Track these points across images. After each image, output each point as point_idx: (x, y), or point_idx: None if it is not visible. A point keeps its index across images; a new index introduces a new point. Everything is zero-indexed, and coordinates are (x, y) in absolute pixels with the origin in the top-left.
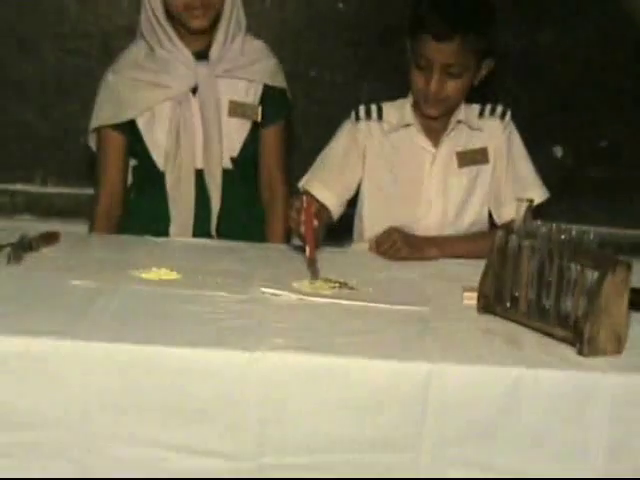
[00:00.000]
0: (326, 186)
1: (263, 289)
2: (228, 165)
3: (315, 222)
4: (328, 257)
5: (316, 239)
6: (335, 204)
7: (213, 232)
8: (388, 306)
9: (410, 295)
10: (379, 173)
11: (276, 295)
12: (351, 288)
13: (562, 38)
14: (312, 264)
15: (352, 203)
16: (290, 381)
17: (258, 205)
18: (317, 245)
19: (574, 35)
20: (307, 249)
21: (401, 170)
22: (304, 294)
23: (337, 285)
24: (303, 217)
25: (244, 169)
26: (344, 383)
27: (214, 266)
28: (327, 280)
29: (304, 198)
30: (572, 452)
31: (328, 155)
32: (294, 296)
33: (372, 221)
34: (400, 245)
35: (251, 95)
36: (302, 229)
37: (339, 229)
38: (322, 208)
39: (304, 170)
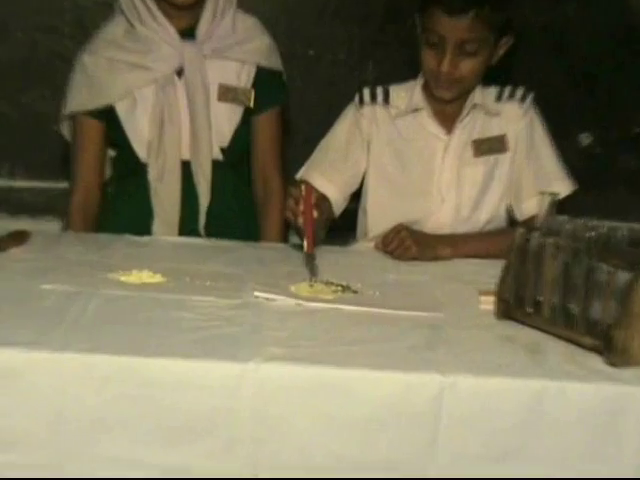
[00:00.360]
0: (327, 178)
1: (257, 293)
2: (218, 156)
3: (315, 213)
4: (329, 257)
5: (316, 232)
6: (337, 198)
7: (201, 230)
8: (396, 312)
9: (420, 300)
10: (386, 163)
11: (271, 300)
12: (354, 292)
13: (587, 11)
14: (311, 260)
15: (356, 197)
16: (287, 395)
17: (251, 200)
18: (317, 240)
19: (601, 7)
20: (305, 243)
21: (410, 160)
22: (302, 299)
23: (339, 289)
24: (301, 207)
25: (235, 160)
26: (347, 398)
27: (202, 268)
28: (328, 283)
29: (303, 186)
30: (602, 472)
31: (329, 143)
32: (291, 301)
33: (378, 217)
34: (409, 243)
35: (243, 78)
36: (300, 221)
37: (341, 226)
38: (323, 199)
39: (302, 161)
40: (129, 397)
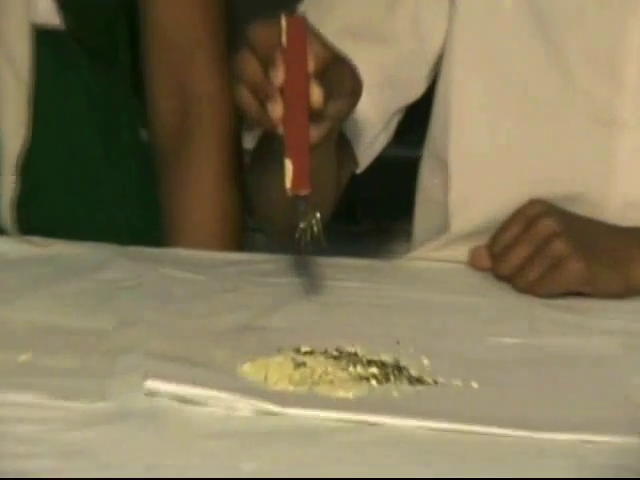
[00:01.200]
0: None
1: (151, 383)
2: (48, 20)
3: (316, 93)
4: (348, 285)
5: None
6: (372, 104)
7: (5, 221)
8: (548, 436)
9: (603, 397)
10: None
11: (192, 403)
12: (421, 381)
13: None
14: (303, 202)
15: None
16: None
17: (136, 145)
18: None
19: None
20: (288, 168)
21: (565, 29)
22: (276, 400)
23: (374, 370)
24: (279, 77)
25: (94, 41)
26: None
27: (30, 317)
28: (338, 354)
29: (284, 19)
30: None
31: None
32: (245, 404)
33: (474, 185)
34: (564, 252)
35: None
36: (274, 111)
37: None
38: (342, 69)
39: None
40: None
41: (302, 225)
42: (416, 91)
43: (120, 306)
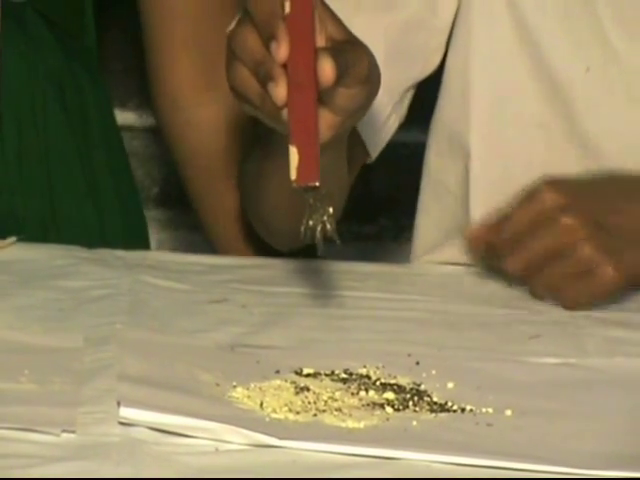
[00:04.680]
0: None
1: (124, 410)
2: None
3: (329, 71)
4: (354, 295)
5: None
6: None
7: None
8: (573, 470)
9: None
10: None
11: (169, 433)
12: (440, 407)
13: None
14: (312, 195)
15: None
16: None
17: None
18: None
19: None
20: (293, 158)
21: None
22: (272, 431)
23: (389, 396)
24: (282, 52)
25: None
26: None
27: None
28: (347, 377)
29: None
30: None
31: None
32: (236, 437)
33: (498, 170)
34: (595, 256)
35: None
36: (278, 94)
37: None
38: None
39: None
40: None
41: (311, 222)
42: (430, 63)
43: (88, 320)
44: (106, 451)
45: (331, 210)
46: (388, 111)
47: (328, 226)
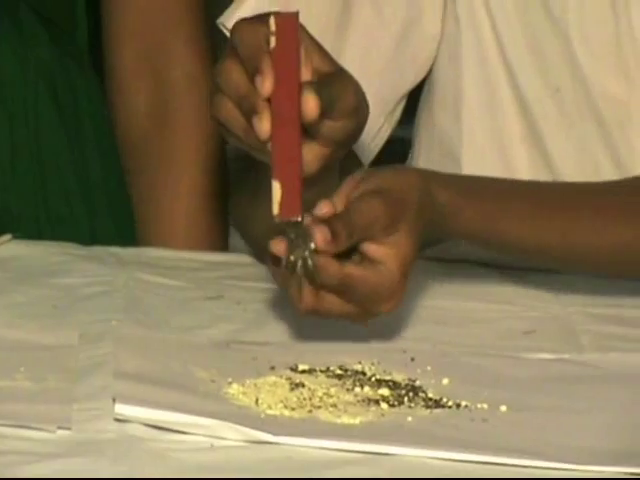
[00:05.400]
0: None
1: (120, 407)
2: None
3: (312, 101)
4: None
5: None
6: (370, 98)
7: None
8: (569, 466)
9: None
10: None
11: (165, 430)
12: (440, 403)
13: None
14: (294, 230)
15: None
16: None
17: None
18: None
19: None
20: (275, 192)
21: None
22: (269, 427)
23: (385, 392)
24: (267, 84)
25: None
26: None
27: None
28: (342, 373)
29: (272, 19)
30: None
31: None
32: (233, 433)
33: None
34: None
35: None
36: (262, 128)
37: None
38: (334, 77)
39: None
40: None
41: (292, 257)
42: (422, 71)
43: (83, 317)
44: (102, 448)
45: (312, 246)
46: (381, 122)
47: (309, 262)
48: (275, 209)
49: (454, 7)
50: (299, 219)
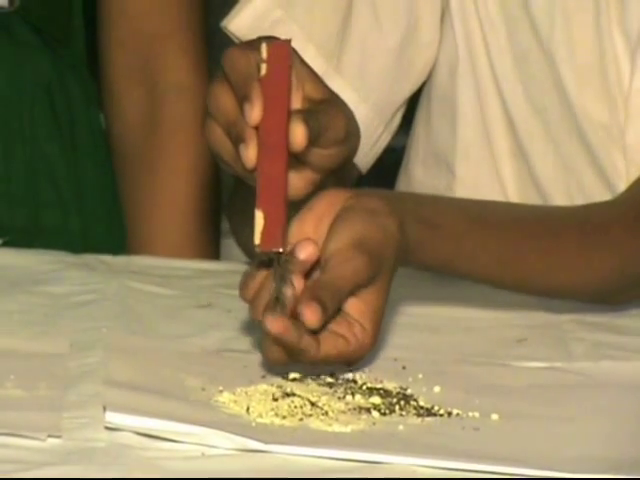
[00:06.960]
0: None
1: (110, 415)
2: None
3: (301, 129)
4: None
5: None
6: (369, 108)
7: None
8: (560, 474)
9: None
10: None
11: (155, 438)
12: (431, 411)
13: None
14: (275, 261)
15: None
16: None
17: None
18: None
19: None
20: (257, 221)
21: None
22: (259, 436)
23: (376, 400)
24: (255, 113)
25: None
26: None
27: None
28: (333, 381)
29: (264, 45)
30: None
31: None
32: (223, 440)
33: (480, 185)
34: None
35: None
36: (248, 155)
37: None
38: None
39: None
40: None
41: (273, 287)
42: (420, 78)
43: (74, 325)
44: (92, 456)
45: (295, 280)
46: (380, 131)
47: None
48: (257, 239)
49: (450, 19)
50: (280, 250)
